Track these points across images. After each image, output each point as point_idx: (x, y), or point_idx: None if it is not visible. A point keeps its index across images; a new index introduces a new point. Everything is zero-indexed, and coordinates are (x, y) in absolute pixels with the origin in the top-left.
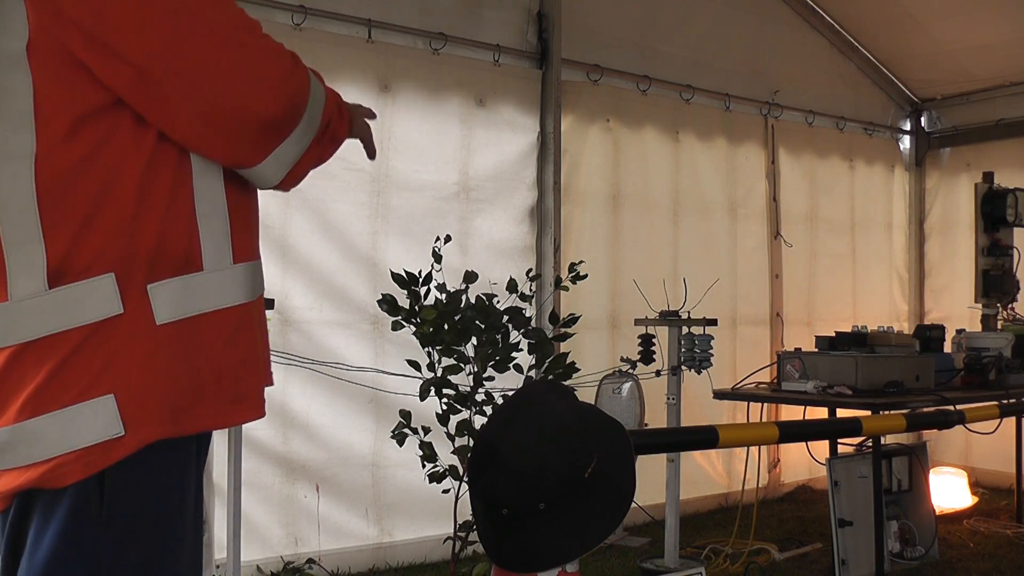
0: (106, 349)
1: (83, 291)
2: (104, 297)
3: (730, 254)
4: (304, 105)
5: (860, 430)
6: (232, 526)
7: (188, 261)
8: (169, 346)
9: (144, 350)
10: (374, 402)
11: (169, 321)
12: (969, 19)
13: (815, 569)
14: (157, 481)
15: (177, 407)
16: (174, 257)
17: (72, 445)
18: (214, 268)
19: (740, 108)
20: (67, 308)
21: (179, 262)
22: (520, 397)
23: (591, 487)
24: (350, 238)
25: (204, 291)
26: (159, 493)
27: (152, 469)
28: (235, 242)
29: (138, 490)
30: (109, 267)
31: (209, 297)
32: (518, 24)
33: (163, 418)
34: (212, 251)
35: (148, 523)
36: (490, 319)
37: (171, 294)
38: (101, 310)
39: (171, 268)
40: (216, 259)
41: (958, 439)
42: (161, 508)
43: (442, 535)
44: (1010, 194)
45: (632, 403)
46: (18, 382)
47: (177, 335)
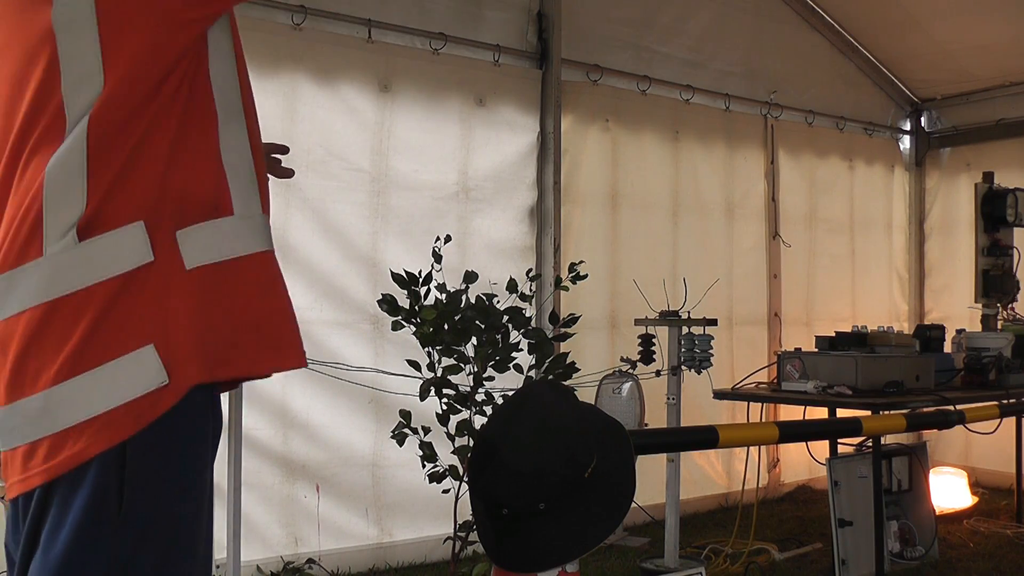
0: (141, 300)
1: (113, 241)
2: (134, 246)
3: (728, 254)
4: None
5: (860, 430)
6: (232, 526)
7: (217, 207)
8: (201, 290)
9: (177, 296)
10: (374, 402)
11: (199, 266)
12: (969, 19)
13: (815, 569)
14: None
15: (214, 350)
16: (203, 203)
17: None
18: (244, 215)
19: (739, 108)
20: (99, 260)
21: (208, 208)
22: (520, 397)
23: (591, 487)
24: (350, 238)
25: (235, 236)
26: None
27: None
28: (262, 192)
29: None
30: (138, 216)
31: (241, 242)
32: (518, 24)
33: (203, 361)
34: (241, 198)
35: (164, 527)
36: (490, 319)
37: (201, 239)
38: (132, 259)
39: (200, 214)
40: (246, 206)
41: (958, 439)
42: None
43: (442, 535)
44: (1010, 194)
45: (632, 403)
46: (58, 342)
47: (209, 279)
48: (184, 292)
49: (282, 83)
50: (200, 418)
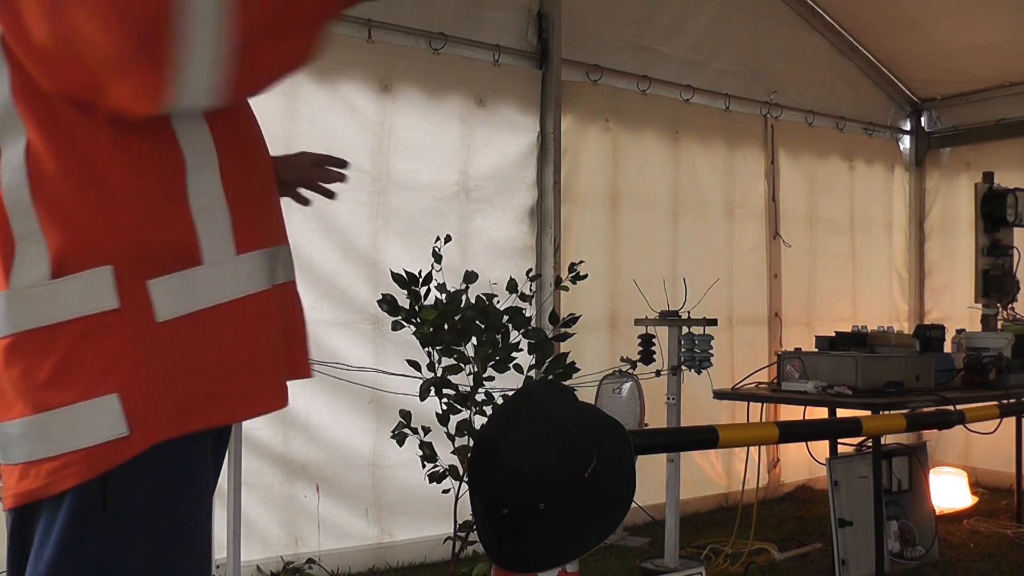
0: (108, 346)
1: (80, 283)
2: (99, 290)
3: (729, 254)
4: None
5: (860, 430)
6: (232, 526)
7: (186, 256)
8: (173, 343)
9: (147, 348)
10: (374, 402)
11: (171, 318)
12: (969, 19)
13: (815, 569)
14: (165, 481)
15: (185, 404)
16: (170, 253)
17: (76, 444)
18: (215, 261)
19: (739, 108)
20: (64, 299)
21: (176, 258)
22: (520, 397)
23: (591, 487)
24: (350, 238)
25: (206, 285)
26: (166, 493)
27: (159, 468)
28: (239, 232)
29: (143, 491)
30: (107, 261)
31: (212, 291)
32: (518, 24)
33: (170, 417)
34: (212, 244)
35: (153, 525)
36: (490, 319)
37: (171, 290)
38: (97, 303)
39: (169, 264)
40: (217, 251)
41: (958, 439)
42: (168, 508)
43: (442, 535)
44: (1010, 194)
45: (632, 403)
46: (23, 376)
47: (181, 331)
48: (155, 344)
49: (282, 83)
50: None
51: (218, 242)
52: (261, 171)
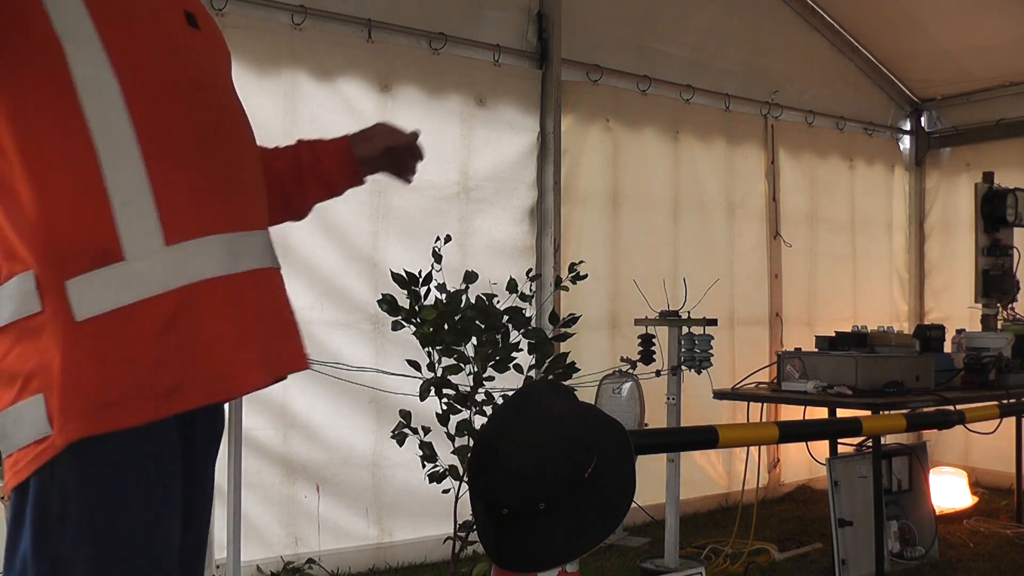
0: (34, 348)
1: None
2: (24, 295)
3: (729, 254)
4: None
5: (860, 430)
6: (232, 526)
7: (106, 252)
8: (92, 343)
9: (66, 349)
10: (375, 402)
11: (90, 317)
12: (969, 19)
13: (815, 569)
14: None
15: (107, 403)
16: (89, 251)
17: (21, 442)
18: (139, 255)
19: (740, 108)
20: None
21: (96, 254)
22: (520, 397)
23: (591, 487)
24: (351, 238)
25: (127, 282)
26: (113, 487)
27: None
28: (169, 222)
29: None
30: (29, 266)
31: (136, 286)
32: (518, 24)
33: (92, 416)
34: (135, 238)
35: (101, 523)
36: (490, 319)
37: (89, 289)
38: (22, 309)
39: (88, 262)
40: (141, 245)
41: (958, 439)
42: (116, 507)
43: (442, 535)
44: (1010, 194)
45: (632, 403)
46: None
47: (101, 330)
48: (73, 345)
49: (282, 82)
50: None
51: (143, 235)
52: (216, 153)
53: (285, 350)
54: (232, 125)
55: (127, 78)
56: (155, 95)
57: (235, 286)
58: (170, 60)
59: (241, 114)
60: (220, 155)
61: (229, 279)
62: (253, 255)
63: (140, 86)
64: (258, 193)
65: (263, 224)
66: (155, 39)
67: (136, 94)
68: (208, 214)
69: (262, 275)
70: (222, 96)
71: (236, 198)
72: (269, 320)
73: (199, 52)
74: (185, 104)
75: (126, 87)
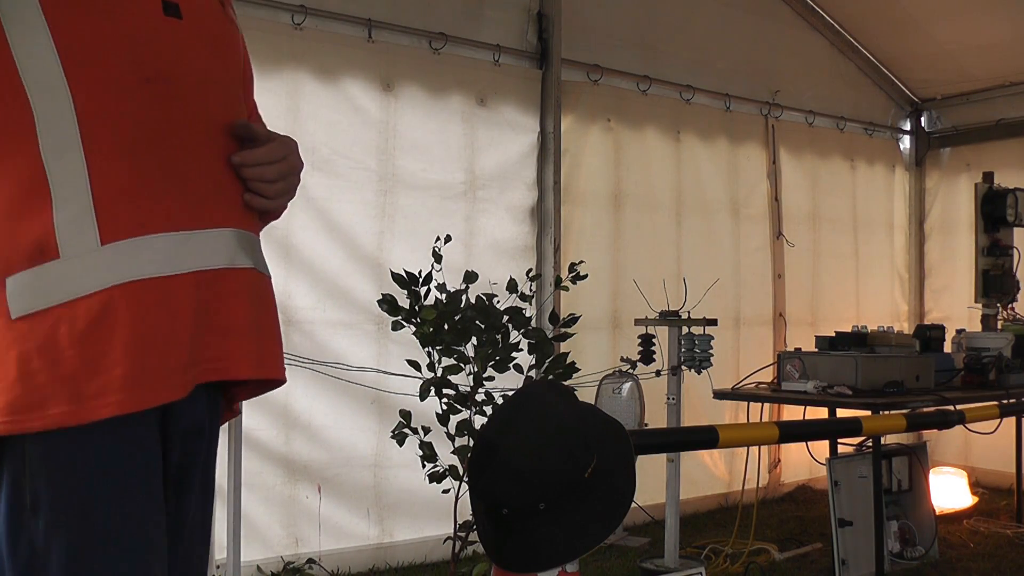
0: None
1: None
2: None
3: (733, 254)
4: None
5: (860, 430)
6: (232, 526)
7: (43, 249)
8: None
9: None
10: (376, 403)
11: (23, 315)
12: (969, 19)
13: (815, 569)
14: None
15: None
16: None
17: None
18: (73, 254)
19: (740, 108)
20: None
21: (33, 251)
22: (520, 397)
23: (591, 487)
24: (355, 238)
25: (58, 280)
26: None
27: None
28: (104, 220)
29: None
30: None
31: (69, 285)
32: (518, 24)
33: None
34: (70, 235)
35: (72, 512)
36: (490, 319)
37: (24, 287)
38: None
39: (26, 259)
40: (76, 243)
41: (958, 439)
42: (87, 495)
43: (442, 535)
44: (1010, 194)
45: (632, 403)
46: None
47: (29, 330)
48: (7, 342)
49: (284, 82)
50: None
51: (78, 233)
52: (173, 149)
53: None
54: (202, 118)
55: (75, 68)
56: (105, 86)
57: (170, 288)
58: (129, 50)
59: (223, 104)
60: (176, 151)
61: (164, 281)
62: (204, 254)
63: (89, 80)
64: (225, 189)
65: (229, 221)
66: (111, 27)
67: (84, 85)
68: (152, 212)
69: (211, 276)
70: (197, 87)
71: (189, 196)
72: (211, 325)
73: (174, 43)
74: (140, 99)
75: (73, 77)
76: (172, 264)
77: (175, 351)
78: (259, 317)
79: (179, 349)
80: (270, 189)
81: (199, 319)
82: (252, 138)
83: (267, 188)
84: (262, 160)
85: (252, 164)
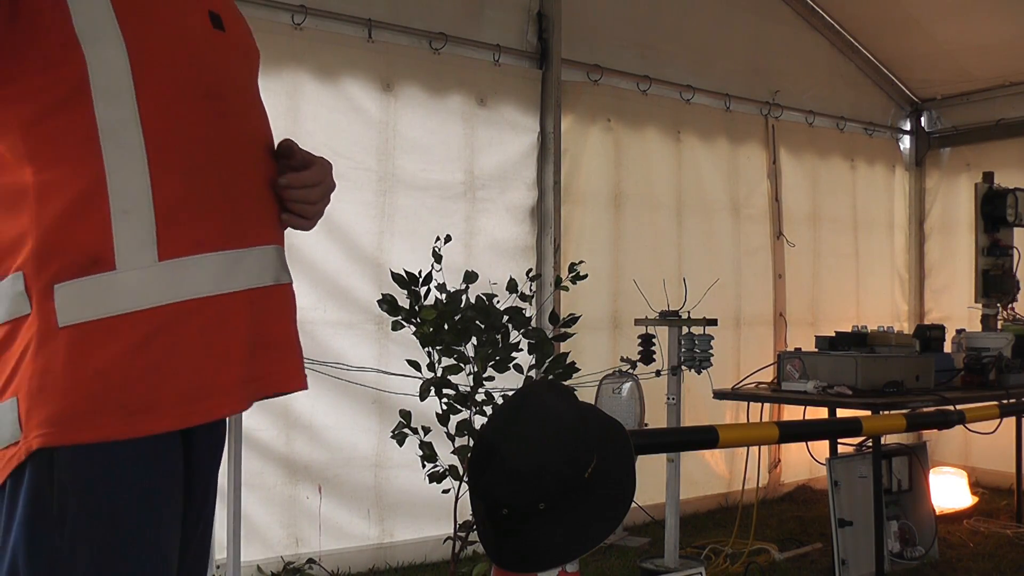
0: (15, 350)
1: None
2: (14, 296)
3: (733, 254)
4: None
5: (860, 430)
6: (232, 526)
7: (97, 260)
8: (71, 349)
9: (44, 353)
10: (377, 403)
11: (73, 323)
12: (969, 19)
13: (815, 569)
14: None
15: (77, 414)
16: (81, 256)
17: None
18: (130, 267)
19: (740, 108)
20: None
21: (87, 261)
22: (520, 397)
23: (591, 487)
24: (355, 238)
25: (116, 292)
26: (111, 493)
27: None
28: (164, 236)
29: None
30: (20, 266)
31: (124, 298)
32: (518, 24)
33: (61, 426)
34: (129, 249)
35: (99, 523)
36: (490, 319)
37: (77, 295)
38: (12, 310)
39: (78, 268)
40: (134, 257)
41: (958, 439)
42: (114, 508)
43: (442, 535)
44: (1010, 194)
45: (632, 403)
46: None
47: (81, 338)
48: (54, 350)
49: (284, 82)
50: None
51: (137, 247)
52: (226, 166)
53: (275, 372)
54: (247, 134)
55: (144, 84)
56: (169, 103)
57: (226, 306)
58: (189, 66)
59: (260, 119)
60: (229, 168)
61: (221, 299)
62: (254, 272)
63: (156, 93)
64: (267, 206)
65: (272, 238)
66: (177, 43)
67: (151, 101)
68: (208, 231)
69: (261, 293)
70: (241, 102)
71: (241, 214)
72: (262, 341)
73: (221, 56)
74: (199, 114)
75: (141, 94)
76: (228, 282)
77: (233, 367)
78: (295, 331)
79: (237, 365)
80: (310, 210)
81: (253, 335)
82: (291, 156)
83: (308, 209)
84: (308, 183)
85: (299, 186)
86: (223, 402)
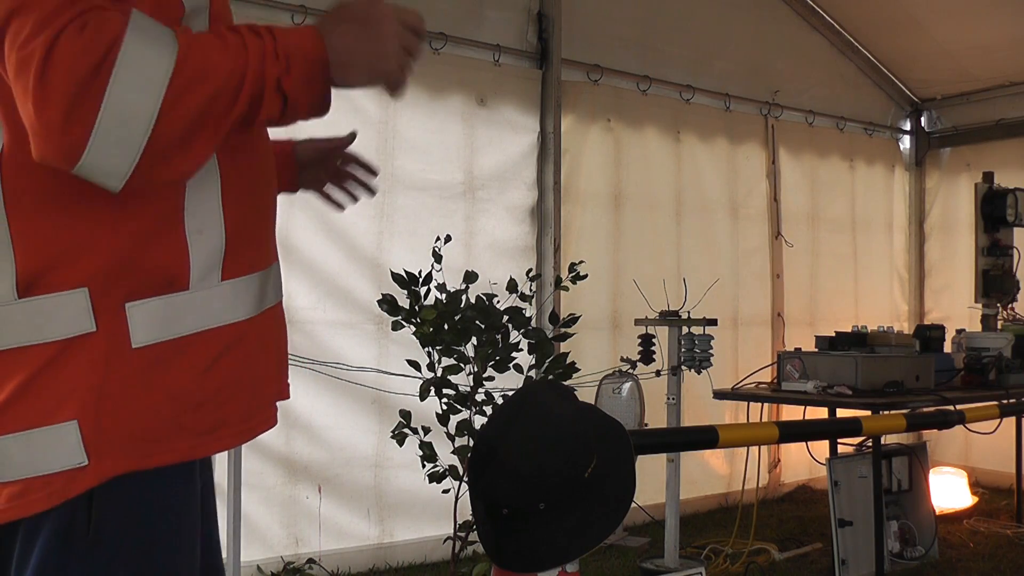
0: (75, 370)
1: (53, 304)
2: (75, 313)
3: (732, 254)
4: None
5: (860, 430)
6: (232, 526)
7: (173, 280)
8: (145, 371)
9: (117, 374)
10: (377, 403)
11: (147, 344)
12: (969, 19)
13: (815, 569)
14: (148, 504)
15: (150, 438)
16: (157, 276)
17: (36, 470)
18: (202, 287)
19: (740, 108)
20: (35, 320)
21: (163, 280)
22: (520, 397)
23: (591, 487)
24: (354, 238)
25: (188, 312)
26: (150, 517)
27: (143, 491)
28: (229, 258)
29: (125, 516)
30: (83, 281)
31: (194, 318)
32: (518, 24)
33: (131, 450)
34: (201, 269)
35: (137, 547)
36: (490, 319)
37: (151, 315)
38: (71, 327)
39: (154, 286)
40: (205, 278)
41: (958, 439)
42: (151, 532)
43: (442, 535)
44: (1010, 194)
45: (632, 403)
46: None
47: (155, 359)
48: (126, 372)
49: None
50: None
51: (208, 268)
52: (264, 187)
53: (287, 384)
54: (266, 155)
55: None
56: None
57: (265, 325)
58: None
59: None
60: (264, 183)
61: (261, 318)
62: (275, 289)
63: None
64: (274, 223)
65: (276, 255)
66: None
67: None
68: (255, 250)
69: (277, 308)
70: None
71: (268, 229)
72: (284, 356)
73: None
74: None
75: None
76: (262, 301)
77: (272, 383)
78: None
79: (273, 382)
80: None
81: (280, 351)
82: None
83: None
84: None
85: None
86: (267, 417)
